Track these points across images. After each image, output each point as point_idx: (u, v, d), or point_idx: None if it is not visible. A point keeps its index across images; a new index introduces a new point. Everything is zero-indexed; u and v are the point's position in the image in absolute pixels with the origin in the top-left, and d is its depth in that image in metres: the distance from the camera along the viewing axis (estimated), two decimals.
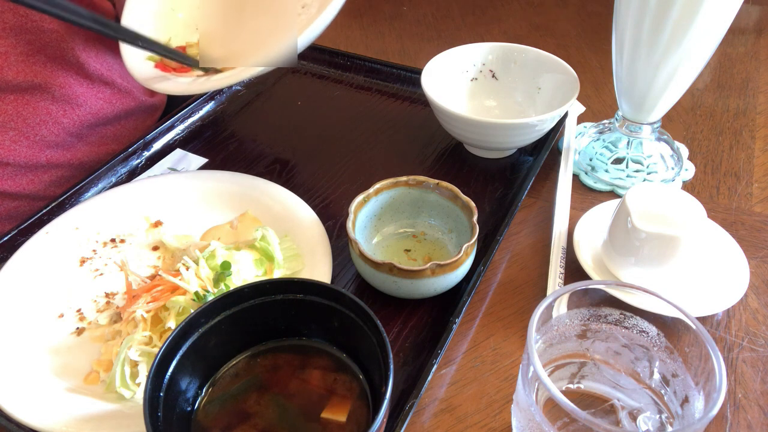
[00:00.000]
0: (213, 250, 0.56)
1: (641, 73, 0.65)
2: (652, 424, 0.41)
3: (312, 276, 0.57)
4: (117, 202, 0.66)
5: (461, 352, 0.55)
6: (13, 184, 0.75)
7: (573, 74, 0.72)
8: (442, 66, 0.76)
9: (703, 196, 0.70)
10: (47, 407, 0.48)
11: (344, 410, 0.43)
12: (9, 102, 0.71)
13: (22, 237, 0.63)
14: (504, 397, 0.51)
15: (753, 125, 0.82)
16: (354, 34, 1.07)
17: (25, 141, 0.74)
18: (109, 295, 0.58)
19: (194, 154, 0.76)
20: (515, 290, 0.60)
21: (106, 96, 0.80)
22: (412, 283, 0.54)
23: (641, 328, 0.43)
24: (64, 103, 0.76)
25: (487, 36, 1.05)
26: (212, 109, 0.84)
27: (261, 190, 0.66)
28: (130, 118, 0.85)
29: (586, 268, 0.58)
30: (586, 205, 0.68)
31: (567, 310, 0.43)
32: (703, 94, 0.88)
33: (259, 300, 0.45)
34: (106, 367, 0.52)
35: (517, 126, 0.67)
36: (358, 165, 0.75)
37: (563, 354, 0.44)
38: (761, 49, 0.98)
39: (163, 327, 0.51)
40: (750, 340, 0.55)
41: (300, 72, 0.91)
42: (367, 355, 0.44)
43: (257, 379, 0.45)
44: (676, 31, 0.60)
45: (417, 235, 0.63)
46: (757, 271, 0.61)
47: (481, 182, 0.72)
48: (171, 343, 0.42)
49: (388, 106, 0.84)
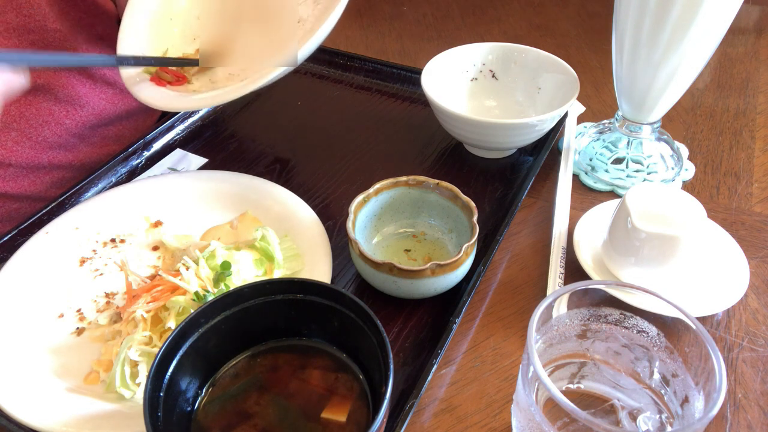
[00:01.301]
0: (213, 250, 0.56)
1: (641, 73, 0.65)
2: (652, 424, 0.41)
3: (312, 276, 0.57)
4: (117, 202, 0.66)
5: (461, 352, 0.55)
6: (15, 186, 0.75)
7: (573, 74, 0.72)
8: (442, 66, 0.76)
9: (703, 196, 0.70)
10: (47, 407, 0.48)
11: (344, 410, 0.43)
12: (12, 103, 0.71)
13: (22, 237, 0.63)
14: (504, 397, 0.51)
15: (753, 125, 0.82)
16: (354, 34, 1.07)
17: (28, 142, 0.74)
18: (109, 295, 0.58)
19: (194, 154, 0.76)
20: (515, 290, 0.60)
21: (108, 96, 0.80)
22: (412, 283, 0.54)
23: (641, 328, 0.43)
24: (66, 103, 0.76)
25: (487, 36, 1.05)
26: (212, 109, 0.84)
27: (261, 190, 0.66)
28: (131, 119, 0.85)
29: (586, 268, 0.58)
30: (586, 205, 0.68)
31: (567, 310, 0.43)
32: (703, 94, 0.88)
33: (259, 300, 0.45)
34: (106, 367, 0.52)
35: (517, 126, 0.67)
36: (358, 165, 0.75)
37: (563, 354, 0.44)
38: (761, 49, 0.98)
39: (163, 327, 0.51)
40: (750, 340, 0.55)
41: (300, 72, 0.91)
42: (367, 355, 0.44)
43: (257, 379, 0.45)
44: (676, 31, 0.60)
45: (417, 235, 0.63)
46: (757, 271, 0.61)
47: (481, 182, 0.72)
48: (171, 343, 0.42)
49: (388, 106, 0.84)
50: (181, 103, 0.67)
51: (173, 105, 0.66)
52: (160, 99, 0.65)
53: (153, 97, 0.66)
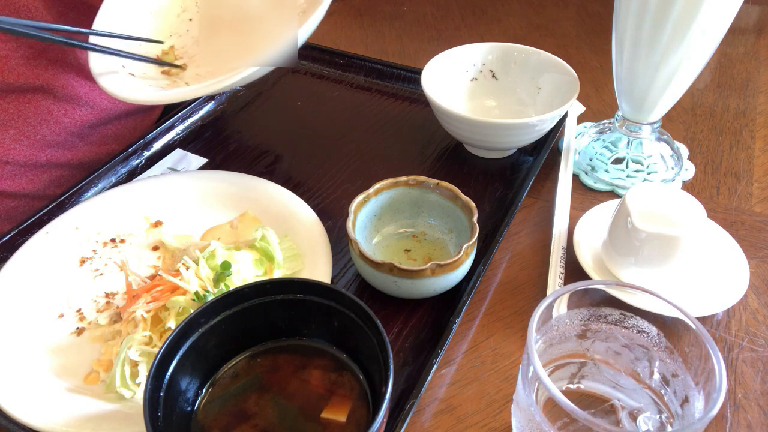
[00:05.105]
0: (213, 250, 0.56)
1: (641, 73, 0.65)
2: (652, 424, 0.41)
3: (312, 276, 0.57)
4: (117, 202, 0.65)
5: (461, 352, 0.55)
6: (13, 184, 0.75)
7: (573, 74, 0.72)
8: (442, 66, 0.76)
9: (703, 196, 0.70)
10: (47, 407, 0.48)
11: (344, 410, 0.43)
12: (10, 101, 0.71)
13: (22, 237, 0.63)
14: (504, 397, 0.51)
15: (753, 125, 0.82)
16: (354, 34, 1.07)
17: (26, 140, 0.74)
18: (109, 295, 0.58)
19: (194, 154, 0.76)
20: (515, 290, 0.60)
21: (106, 95, 0.80)
22: (412, 283, 0.54)
23: (641, 328, 0.43)
24: (65, 102, 0.76)
25: (487, 36, 1.05)
26: (212, 109, 0.84)
27: (261, 190, 0.66)
28: (130, 118, 0.85)
29: (586, 268, 0.58)
30: (586, 205, 0.68)
31: (567, 310, 0.43)
32: (703, 94, 0.88)
33: (259, 300, 0.45)
34: (106, 367, 0.52)
35: (517, 126, 0.67)
36: (358, 165, 0.75)
37: (563, 354, 0.44)
38: (761, 49, 0.98)
39: (163, 327, 0.51)
40: (750, 340, 0.55)
41: (300, 72, 0.91)
42: (367, 355, 0.44)
43: (257, 379, 0.45)
44: (676, 31, 0.60)
45: (417, 235, 0.63)
46: (757, 271, 0.61)
47: (481, 182, 0.72)
48: (171, 343, 0.42)
49: (388, 106, 0.84)
50: (147, 96, 0.63)
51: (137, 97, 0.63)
52: (126, 90, 0.63)
53: (119, 87, 0.63)
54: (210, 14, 0.73)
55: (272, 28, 0.66)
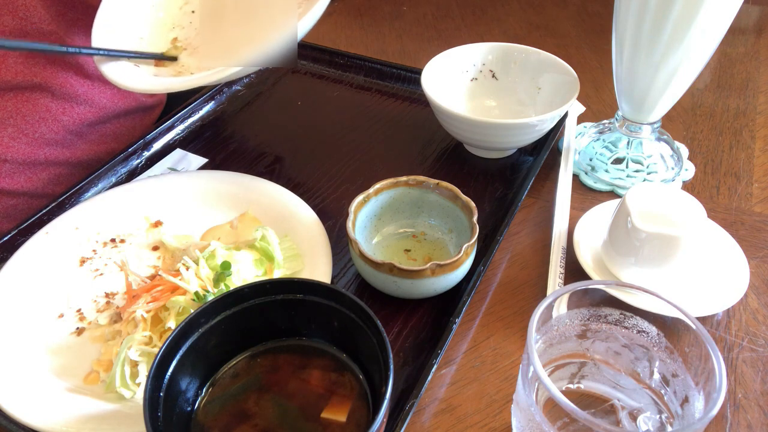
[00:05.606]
0: (213, 250, 0.56)
1: (641, 73, 0.65)
2: (652, 424, 0.41)
3: (312, 276, 0.57)
4: (117, 202, 0.65)
5: (461, 352, 0.55)
6: (12, 182, 0.75)
7: (573, 74, 0.72)
8: (442, 66, 0.76)
9: (703, 196, 0.70)
10: (47, 407, 0.48)
11: (344, 410, 0.43)
12: (8, 99, 0.71)
13: (22, 237, 0.63)
14: (504, 397, 0.51)
15: (753, 125, 0.82)
16: (354, 34, 1.07)
17: (24, 138, 0.74)
18: (109, 295, 0.58)
19: (194, 154, 0.76)
20: (515, 290, 0.60)
21: (105, 94, 0.80)
22: (412, 283, 0.54)
23: (641, 328, 0.43)
24: (63, 100, 0.76)
25: (487, 36, 1.05)
26: (212, 109, 0.84)
27: (261, 190, 0.66)
28: (129, 117, 0.85)
29: (586, 268, 0.58)
30: (586, 205, 0.68)
31: (567, 310, 0.43)
32: (703, 94, 0.88)
33: (259, 300, 0.45)
34: (106, 367, 0.52)
35: (517, 126, 0.67)
36: (358, 165, 0.75)
37: (563, 354, 0.44)
38: (761, 49, 0.98)
39: (163, 327, 0.51)
40: (750, 340, 0.55)
41: (300, 72, 0.91)
42: (367, 355, 0.44)
43: (257, 379, 0.45)
44: (676, 31, 0.60)
45: (417, 235, 0.63)
46: (757, 271, 0.61)
47: (481, 182, 0.72)
48: (171, 343, 0.42)
49: (388, 106, 0.84)
50: (152, 85, 0.65)
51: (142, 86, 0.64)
52: (129, 79, 0.64)
53: (123, 77, 0.64)
54: (212, 5, 0.73)
55: (274, 19, 0.66)
